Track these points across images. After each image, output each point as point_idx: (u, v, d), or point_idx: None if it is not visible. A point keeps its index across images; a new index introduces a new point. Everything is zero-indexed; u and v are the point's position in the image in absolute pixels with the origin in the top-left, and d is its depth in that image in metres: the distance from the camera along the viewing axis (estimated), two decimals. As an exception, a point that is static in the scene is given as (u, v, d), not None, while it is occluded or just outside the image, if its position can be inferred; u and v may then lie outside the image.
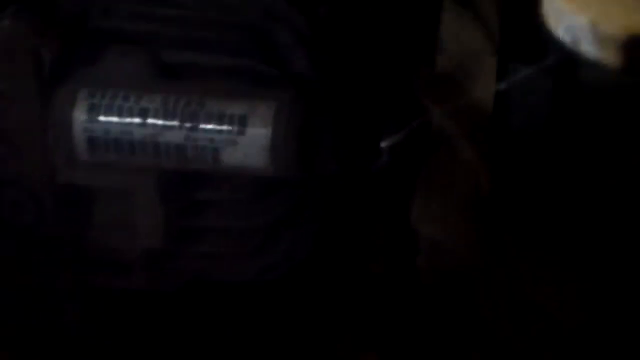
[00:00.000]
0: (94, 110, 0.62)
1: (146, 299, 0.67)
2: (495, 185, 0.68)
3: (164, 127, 0.61)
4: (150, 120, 0.61)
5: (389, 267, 0.71)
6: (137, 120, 0.61)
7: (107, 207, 0.64)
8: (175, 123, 0.61)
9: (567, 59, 0.57)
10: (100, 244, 0.65)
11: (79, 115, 0.62)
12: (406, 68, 0.70)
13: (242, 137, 0.60)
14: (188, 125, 0.61)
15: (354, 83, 0.67)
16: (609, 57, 0.49)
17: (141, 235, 0.64)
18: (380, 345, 0.71)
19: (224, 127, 0.60)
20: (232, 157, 0.61)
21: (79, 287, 0.65)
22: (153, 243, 0.64)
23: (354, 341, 0.71)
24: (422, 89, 0.68)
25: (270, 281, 0.67)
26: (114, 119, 0.62)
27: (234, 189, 0.63)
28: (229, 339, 0.70)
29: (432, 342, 0.70)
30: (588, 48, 0.49)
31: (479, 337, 0.69)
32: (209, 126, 0.61)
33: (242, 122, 0.60)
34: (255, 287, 0.68)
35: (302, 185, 0.63)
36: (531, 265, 0.68)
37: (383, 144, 0.64)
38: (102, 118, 0.62)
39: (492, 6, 0.70)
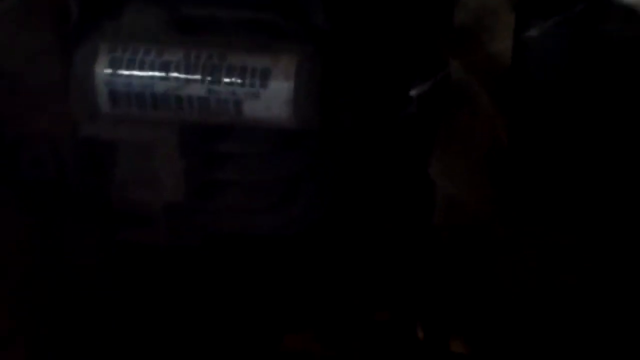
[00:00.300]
0: (115, 64, 0.62)
1: (168, 253, 0.68)
2: (513, 138, 0.68)
3: (186, 80, 0.61)
4: (172, 74, 0.61)
5: (405, 226, 0.71)
6: (158, 73, 0.61)
7: (129, 161, 0.65)
8: (197, 76, 0.61)
9: (594, 8, 0.57)
10: (122, 198, 0.65)
11: (101, 69, 0.62)
12: (425, 21, 0.70)
13: (265, 90, 0.61)
14: (210, 78, 0.61)
15: (373, 35, 0.67)
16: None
17: (163, 189, 0.64)
18: (394, 303, 0.72)
19: (247, 80, 0.61)
20: (254, 109, 0.61)
21: (102, 241, 0.66)
22: (175, 197, 0.65)
23: (368, 299, 0.72)
24: (441, 43, 0.69)
25: (288, 236, 0.67)
26: (136, 72, 0.62)
27: (255, 142, 0.64)
28: (245, 293, 0.71)
29: (444, 299, 0.71)
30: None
31: (490, 292, 0.70)
32: (231, 79, 0.61)
33: (264, 75, 0.61)
34: (273, 242, 0.68)
35: (323, 138, 0.64)
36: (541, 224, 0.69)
37: (411, 93, 0.63)
38: (123, 72, 0.62)
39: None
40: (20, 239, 0.61)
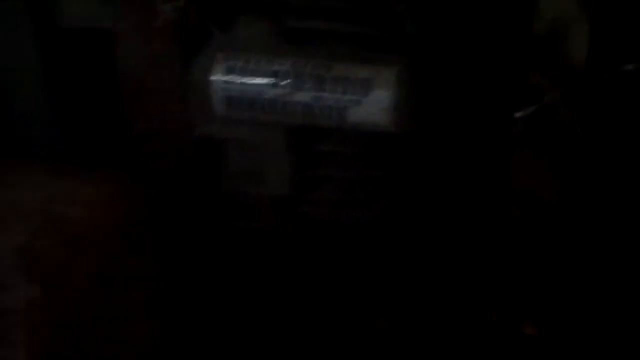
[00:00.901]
0: (230, 71, 0.68)
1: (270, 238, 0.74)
2: (588, 143, 0.74)
3: (294, 87, 0.67)
4: (281, 82, 0.68)
5: (484, 215, 0.77)
6: (269, 80, 0.68)
7: (240, 157, 0.71)
8: (304, 84, 0.67)
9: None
10: (233, 190, 0.72)
11: (218, 76, 0.68)
12: (506, 34, 0.75)
13: (366, 98, 0.67)
14: (316, 87, 0.67)
15: (459, 44, 0.72)
16: None
17: (270, 183, 0.71)
18: (470, 288, 0.77)
19: (350, 89, 0.67)
20: (356, 115, 0.67)
21: (215, 226, 0.72)
22: (279, 190, 0.71)
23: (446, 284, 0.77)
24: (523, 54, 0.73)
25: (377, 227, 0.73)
26: (249, 79, 0.68)
27: (354, 143, 0.70)
28: (335, 277, 0.76)
29: (517, 284, 0.76)
30: None
31: (560, 278, 0.75)
32: (336, 88, 0.67)
33: (366, 84, 0.67)
34: (363, 231, 0.74)
35: (418, 142, 0.70)
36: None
37: (517, 115, 0.69)
38: (238, 79, 0.68)
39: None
40: (141, 223, 0.67)
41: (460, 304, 0.78)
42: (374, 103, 0.66)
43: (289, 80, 0.68)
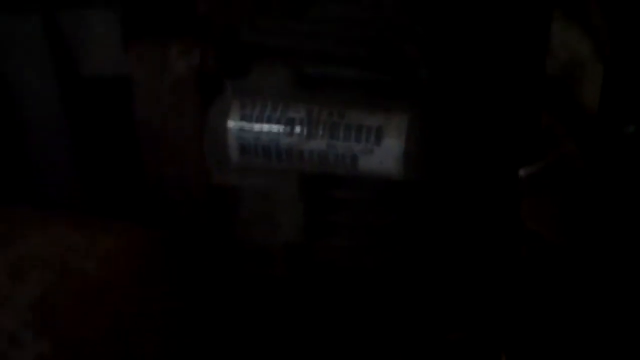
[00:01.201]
0: (245, 119, 0.69)
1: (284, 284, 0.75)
2: (600, 184, 0.74)
3: (308, 135, 0.68)
4: (296, 129, 0.68)
5: (495, 257, 0.77)
6: (284, 128, 0.68)
7: (254, 204, 0.72)
8: (318, 132, 0.68)
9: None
10: (247, 237, 0.73)
11: (233, 124, 0.69)
12: (519, 77, 0.76)
13: (378, 147, 0.67)
14: (330, 134, 0.68)
15: (474, 92, 0.73)
16: None
17: (283, 230, 0.72)
18: (479, 329, 0.77)
19: (362, 138, 0.67)
20: (368, 163, 0.68)
21: (230, 273, 0.73)
22: (293, 237, 0.72)
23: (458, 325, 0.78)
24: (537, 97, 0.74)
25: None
26: (264, 127, 0.69)
27: (367, 190, 0.70)
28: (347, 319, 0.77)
29: (528, 328, 0.76)
30: None
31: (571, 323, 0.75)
32: (349, 136, 0.67)
33: (378, 133, 0.67)
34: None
35: (428, 189, 0.70)
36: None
37: (520, 173, 0.70)
38: (253, 127, 0.69)
39: (601, 16, 0.74)
40: (157, 277, 0.67)
41: (471, 346, 0.78)
42: (385, 152, 0.67)
43: (303, 129, 0.68)
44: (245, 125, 0.69)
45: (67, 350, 0.55)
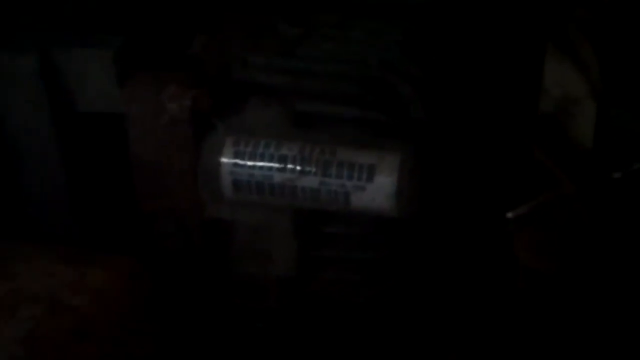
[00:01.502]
0: (239, 156, 0.69)
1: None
2: (594, 218, 0.74)
3: (301, 172, 0.69)
4: (289, 166, 0.69)
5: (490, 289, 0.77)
6: (277, 165, 0.69)
7: (247, 239, 0.72)
8: (311, 169, 0.69)
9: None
10: (240, 270, 0.73)
11: (226, 161, 0.69)
12: (514, 113, 0.76)
13: (370, 184, 0.68)
14: (322, 172, 0.68)
15: (467, 131, 0.74)
16: None
17: (276, 264, 0.72)
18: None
19: (354, 175, 0.68)
20: (360, 200, 0.68)
21: (223, 306, 0.74)
22: (286, 271, 0.72)
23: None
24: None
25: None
26: (257, 164, 0.69)
27: (359, 225, 0.71)
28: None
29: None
30: None
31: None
32: (341, 173, 0.68)
33: (370, 170, 0.68)
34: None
35: (420, 225, 0.71)
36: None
37: (508, 215, 0.70)
38: (246, 163, 0.69)
39: (592, 53, 0.75)
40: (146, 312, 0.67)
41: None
42: (377, 189, 0.68)
43: (296, 166, 0.69)
44: (239, 161, 0.69)
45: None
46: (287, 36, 0.74)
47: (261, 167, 0.69)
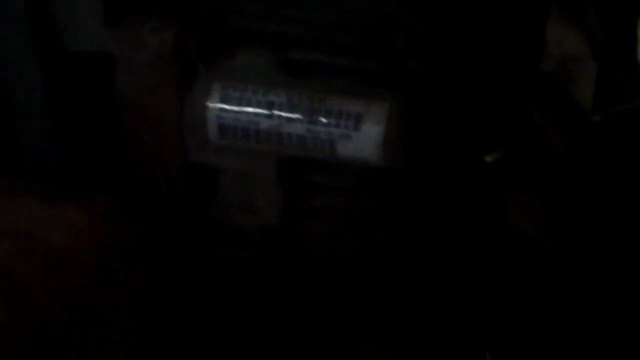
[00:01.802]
0: (226, 100, 0.69)
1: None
2: (585, 180, 0.73)
3: (287, 119, 0.68)
4: (275, 112, 0.68)
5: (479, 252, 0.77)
6: (264, 111, 0.68)
7: (232, 185, 0.72)
8: (297, 116, 0.68)
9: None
10: (224, 218, 0.73)
11: (213, 105, 0.69)
12: (513, 71, 0.75)
13: (357, 133, 0.67)
14: (309, 119, 0.68)
15: (463, 84, 0.72)
16: None
17: (260, 213, 0.71)
18: (461, 327, 0.77)
19: (341, 123, 0.67)
20: (346, 149, 0.67)
21: (205, 253, 0.73)
22: (270, 220, 0.71)
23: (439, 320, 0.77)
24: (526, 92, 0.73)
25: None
26: (244, 109, 0.68)
27: (345, 176, 0.70)
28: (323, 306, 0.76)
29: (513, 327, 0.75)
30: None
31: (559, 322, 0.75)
32: (328, 121, 0.67)
33: (357, 119, 0.67)
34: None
35: (406, 177, 0.70)
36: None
37: (486, 158, 0.69)
38: (233, 108, 0.68)
39: (596, 15, 0.74)
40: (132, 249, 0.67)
41: (454, 341, 0.77)
42: (364, 138, 0.67)
43: (282, 112, 0.68)
44: (225, 106, 0.69)
45: (25, 317, 0.55)
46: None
47: (247, 113, 0.68)
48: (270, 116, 0.68)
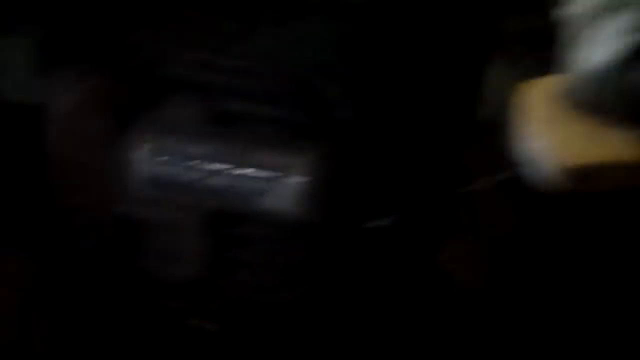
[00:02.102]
0: (153, 152, 0.68)
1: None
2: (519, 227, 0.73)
3: (213, 171, 0.68)
4: (201, 164, 0.68)
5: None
6: (190, 163, 0.68)
7: (157, 237, 0.71)
8: (223, 167, 0.67)
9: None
10: (152, 269, 0.72)
11: (140, 157, 0.68)
12: (448, 120, 0.75)
13: (282, 185, 0.67)
14: (235, 171, 0.67)
15: (395, 136, 0.72)
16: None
17: (186, 264, 0.71)
18: None
19: (266, 175, 0.67)
20: (271, 201, 0.67)
21: (132, 304, 0.72)
22: (195, 271, 0.71)
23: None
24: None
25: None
26: (170, 161, 0.68)
27: (271, 228, 0.69)
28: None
29: None
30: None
31: None
32: (252, 173, 0.67)
33: (283, 171, 0.66)
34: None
35: (329, 230, 0.69)
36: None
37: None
38: (160, 159, 0.68)
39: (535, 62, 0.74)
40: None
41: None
42: (288, 190, 0.66)
43: (208, 164, 0.68)
44: (153, 158, 0.68)
45: None
46: (226, 32, 0.72)
47: (174, 165, 0.68)
48: (196, 168, 0.68)
